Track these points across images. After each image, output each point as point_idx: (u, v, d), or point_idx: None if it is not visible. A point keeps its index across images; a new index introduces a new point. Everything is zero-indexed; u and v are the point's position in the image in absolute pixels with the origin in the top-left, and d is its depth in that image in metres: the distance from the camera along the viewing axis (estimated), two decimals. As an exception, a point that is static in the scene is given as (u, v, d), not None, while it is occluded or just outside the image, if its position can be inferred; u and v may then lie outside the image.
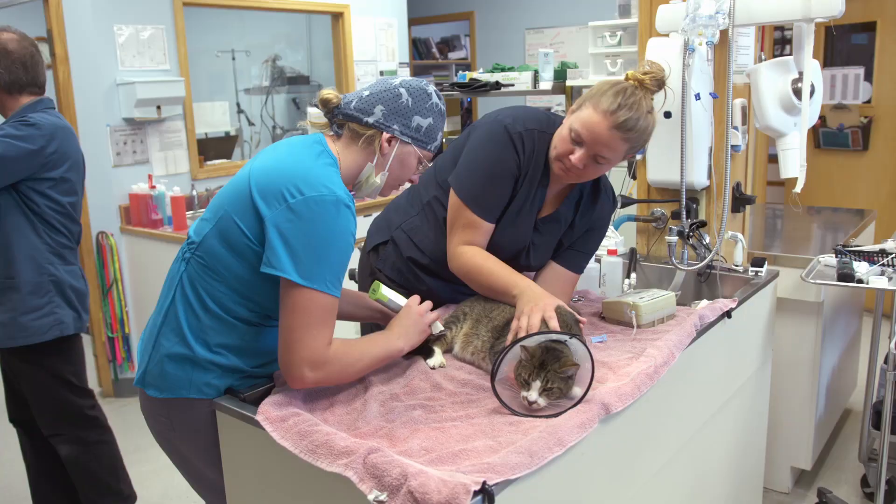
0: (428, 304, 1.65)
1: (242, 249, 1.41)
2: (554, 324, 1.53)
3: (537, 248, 1.88)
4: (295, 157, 1.44)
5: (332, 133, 1.55)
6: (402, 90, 1.51)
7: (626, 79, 1.70)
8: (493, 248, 1.83)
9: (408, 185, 1.76)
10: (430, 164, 1.62)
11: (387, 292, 1.67)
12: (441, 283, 1.90)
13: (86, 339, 4.83)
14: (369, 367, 1.51)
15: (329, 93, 1.52)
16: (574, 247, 1.92)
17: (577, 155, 1.69)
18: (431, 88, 1.55)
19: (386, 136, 1.50)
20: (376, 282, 1.68)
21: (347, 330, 2.12)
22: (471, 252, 1.79)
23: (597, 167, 1.73)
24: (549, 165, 1.79)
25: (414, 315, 1.61)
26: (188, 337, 1.45)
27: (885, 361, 2.37)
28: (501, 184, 1.78)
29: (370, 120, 1.50)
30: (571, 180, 1.80)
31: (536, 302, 1.60)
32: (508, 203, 1.81)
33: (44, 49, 6.18)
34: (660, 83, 1.72)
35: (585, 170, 1.73)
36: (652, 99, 1.72)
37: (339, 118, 1.52)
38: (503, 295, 1.73)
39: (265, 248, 1.37)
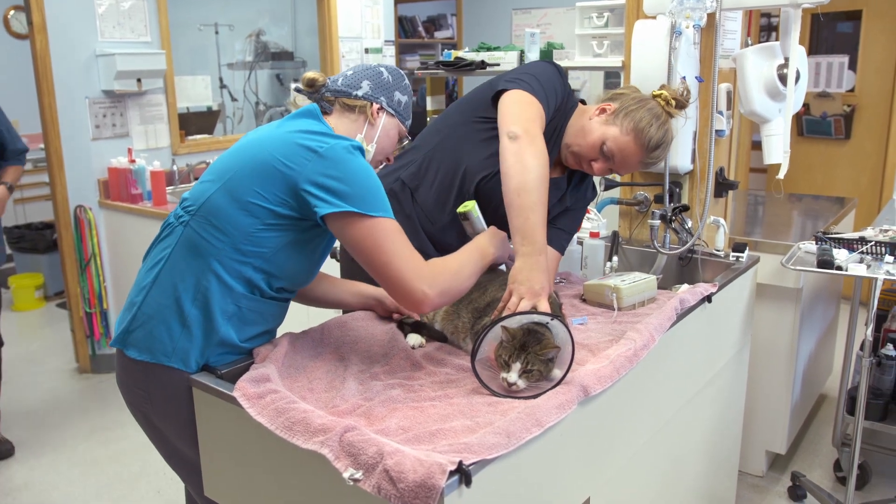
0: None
1: (253, 209, 1.41)
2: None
3: None
4: (299, 121, 1.50)
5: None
6: (382, 69, 1.63)
7: (661, 98, 1.83)
8: (488, 193, 1.81)
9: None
10: (411, 140, 1.70)
11: (478, 210, 1.72)
12: (436, 230, 1.89)
13: (63, 315, 4.79)
14: (473, 274, 1.55)
15: (314, 73, 1.60)
16: (557, 224, 1.94)
17: (599, 165, 1.83)
18: (403, 72, 1.67)
19: (375, 106, 1.59)
20: (470, 201, 1.72)
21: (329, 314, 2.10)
22: (543, 151, 1.67)
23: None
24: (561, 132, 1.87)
25: (501, 234, 1.68)
26: (181, 298, 1.43)
27: (861, 348, 2.40)
28: (554, 99, 1.82)
29: (359, 93, 1.58)
30: (575, 168, 1.91)
31: (532, 286, 1.55)
32: None
33: (21, 17, 6.06)
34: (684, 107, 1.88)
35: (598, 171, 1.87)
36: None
37: (328, 95, 1.59)
38: (514, 229, 1.61)
39: (312, 202, 1.38)
